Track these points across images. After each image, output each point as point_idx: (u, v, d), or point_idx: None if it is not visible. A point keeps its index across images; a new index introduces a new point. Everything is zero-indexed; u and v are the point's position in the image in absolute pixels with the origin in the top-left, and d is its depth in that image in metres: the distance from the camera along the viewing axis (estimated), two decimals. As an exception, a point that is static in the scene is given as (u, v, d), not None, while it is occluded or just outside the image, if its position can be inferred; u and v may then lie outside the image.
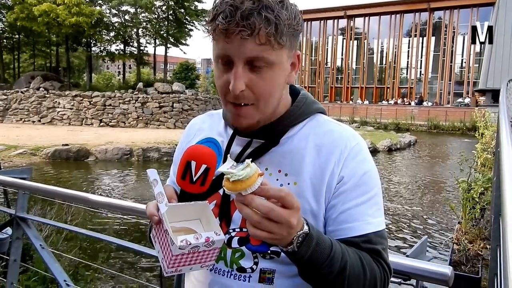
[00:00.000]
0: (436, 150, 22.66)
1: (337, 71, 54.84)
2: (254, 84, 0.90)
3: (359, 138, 1.01)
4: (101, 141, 16.26)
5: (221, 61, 0.92)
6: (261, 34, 0.86)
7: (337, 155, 0.95)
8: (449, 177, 13.03)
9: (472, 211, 4.27)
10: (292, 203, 0.76)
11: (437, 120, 34.37)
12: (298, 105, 1.03)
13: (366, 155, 0.99)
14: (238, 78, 0.89)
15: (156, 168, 4.16)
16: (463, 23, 46.26)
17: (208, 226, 0.89)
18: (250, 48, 0.87)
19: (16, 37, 36.24)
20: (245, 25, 0.85)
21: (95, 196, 2.22)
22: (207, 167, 0.91)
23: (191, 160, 0.90)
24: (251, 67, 0.90)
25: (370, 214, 0.94)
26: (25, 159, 13.67)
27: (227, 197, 1.00)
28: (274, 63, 0.91)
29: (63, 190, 2.34)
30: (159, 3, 33.14)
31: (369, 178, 0.97)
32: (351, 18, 52.62)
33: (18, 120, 24.48)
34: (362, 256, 0.89)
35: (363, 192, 0.95)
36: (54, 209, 5.04)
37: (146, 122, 23.42)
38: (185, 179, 0.91)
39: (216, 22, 0.88)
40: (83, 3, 27.94)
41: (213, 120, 1.16)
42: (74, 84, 33.10)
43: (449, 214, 8.59)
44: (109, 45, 35.94)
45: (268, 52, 0.89)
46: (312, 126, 1.02)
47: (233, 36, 0.86)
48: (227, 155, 1.03)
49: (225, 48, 0.89)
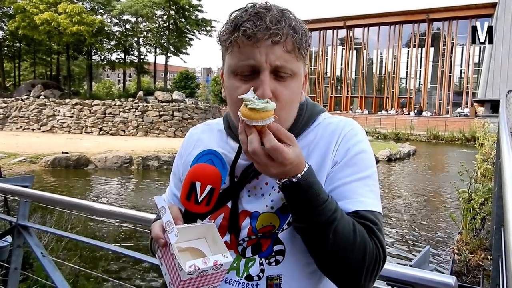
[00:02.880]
0: (435, 160, 22.67)
1: (337, 80, 55.03)
2: (279, 92, 0.90)
3: (354, 124, 1.02)
4: (101, 149, 16.25)
5: (243, 72, 0.91)
6: (288, 41, 0.89)
7: (334, 143, 0.97)
8: (449, 187, 13.01)
9: (472, 221, 4.27)
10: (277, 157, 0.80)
11: (436, 130, 34.40)
12: (301, 113, 1.03)
13: (361, 138, 1.00)
14: (266, 85, 0.88)
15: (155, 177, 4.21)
16: (461, 34, 46.56)
17: (215, 245, 0.89)
18: (278, 55, 0.88)
19: (17, 46, 36.42)
20: (276, 30, 0.87)
21: (96, 204, 2.22)
22: (212, 187, 0.91)
23: (195, 181, 0.90)
24: (275, 76, 0.90)
25: (361, 193, 0.93)
26: (24, 167, 13.65)
27: (235, 210, 1.00)
28: (297, 74, 0.93)
29: (65, 198, 2.34)
30: (160, 12, 33.40)
31: (361, 159, 0.97)
32: (351, 28, 52.92)
33: (18, 128, 24.48)
34: (356, 223, 0.88)
35: (353, 172, 0.94)
36: (54, 217, 5.02)
37: (146, 130, 23.42)
38: (190, 200, 0.91)
39: (240, 30, 0.88)
40: (84, 12, 28.14)
41: (212, 130, 1.15)
42: (74, 92, 33.19)
43: (449, 224, 8.57)
44: (109, 53, 36.14)
45: (293, 61, 0.91)
46: (314, 127, 1.04)
47: (262, 41, 0.87)
48: (234, 168, 1.04)
49: (251, 55, 0.88)
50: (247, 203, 1.00)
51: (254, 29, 0.86)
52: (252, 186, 1.01)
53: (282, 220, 0.96)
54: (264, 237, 0.98)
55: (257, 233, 0.98)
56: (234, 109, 0.94)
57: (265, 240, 0.98)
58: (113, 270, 5.25)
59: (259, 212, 0.98)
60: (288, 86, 0.92)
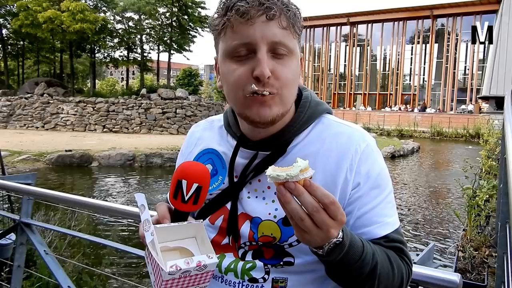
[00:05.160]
0: (439, 157, 22.59)
1: (340, 77, 54.88)
2: (279, 71, 0.87)
3: (368, 139, 0.98)
4: (104, 146, 16.27)
5: (239, 52, 0.87)
6: (283, 17, 0.86)
7: (348, 161, 0.92)
8: (453, 183, 12.97)
9: (477, 218, 4.24)
10: (336, 214, 0.72)
11: (440, 126, 34.28)
12: (302, 110, 1.00)
13: (377, 155, 0.97)
14: (264, 63, 0.85)
15: (158, 174, 4.18)
16: (466, 30, 46.27)
17: (203, 246, 0.88)
18: (274, 31, 0.86)
19: (21, 44, 36.51)
20: (270, 5, 0.84)
21: (99, 201, 2.21)
22: (199, 185, 0.87)
23: (181, 179, 0.87)
24: (273, 54, 0.87)
25: (386, 214, 0.93)
26: (28, 164, 13.69)
27: (234, 211, 0.98)
28: (294, 52, 0.90)
29: (68, 196, 2.34)
30: (163, 9, 33.39)
31: (382, 178, 0.95)
32: (354, 25, 52.74)
33: (21, 126, 24.55)
34: (389, 254, 0.89)
35: (378, 194, 0.93)
36: (57, 215, 5.03)
37: (149, 128, 23.45)
38: (177, 198, 0.87)
39: (232, 10, 0.85)
40: (87, 10, 28.14)
41: (213, 128, 1.12)
42: (78, 90, 33.31)
43: (453, 221, 8.54)
44: (113, 51, 36.20)
45: (290, 38, 0.88)
46: (318, 130, 0.99)
47: (256, 17, 0.85)
48: (233, 167, 1.01)
49: (246, 34, 0.85)
50: (247, 205, 0.98)
51: (247, 6, 0.84)
52: (253, 188, 0.98)
53: (284, 233, 0.93)
54: (265, 245, 0.96)
55: (258, 241, 0.95)
56: (232, 94, 0.91)
57: (267, 249, 0.96)
58: (117, 268, 5.26)
59: (261, 219, 0.95)
60: (287, 64, 0.89)
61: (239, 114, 0.97)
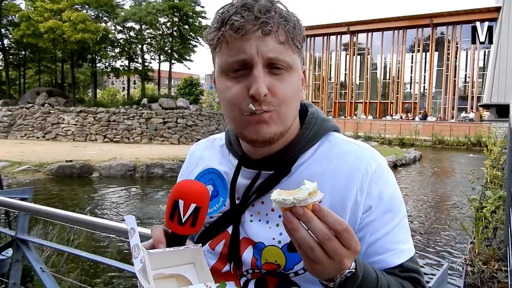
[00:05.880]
0: (441, 165, 22.48)
1: (341, 86, 55.02)
2: (276, 87, 0.82)
3: (379, 158, 0.91)
4: (105, 157, 16.21)
5: (234, 69, 0.83)
6: (281, 31, 0.81)
7: (358, 182, 0.86)
8: (457, 193, 12.87)
9: (485, 230, 4.14)
10: (350, 243, 0.65)
11: (441, 135, 34.18)
12: (308, 127, 0.94)
13: (389, 176, 0.91)
14: (260, 80, 0.80)
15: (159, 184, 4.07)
16: (465, 38, 46.47)
17: (202, 272, 0.80)
18: (271, 46, 0.80)
19: (22, 54, 36.69)
20: (266, 19, 0.79)
21: (95, 218, 2.13)
22: (197, 206, 0.80)
23: (178, 199, 0.80)
24: (270, 70, 0.82)
25: (400, 240, 0.86)
26: (28, 175, 13.63)
27: (236, 236, 0.92)
28: (292, 67, 0.85)
29: (64, 213, 2.26)
30: (164, 19, 33.58)
31: (395, 201, 0.88)
32: (354, 33, 52.98)
33: (22, 136, 24.53)
34: (405, 286, 0.83)
35: (391, 218, 0.86)
36: (56, 228, 4.94)
37: (150, 137, 23.40)
38: (173, 219, 0.80)
39: (227, 25, 0.81)
40: (88, 20, 28.30)
41: (214, 146, 1.07)
42: (79, 100, 33.37)
43: (458, 232, 8.42)
44: (114, 61, 36.38)
45: (288, 53, 0.83)
46: (325, 149, 0.93)
47: (251, 33, 0.80)
48: (234, 188, 0.95)
49: (241, 50, 0.81)
50: (249, 229, 0.91)
51: (242, 21, 0.79)
52: (256, 210, 0.92)
53: (290, 260, 0.86)
54: (268, 274, 0.89)
55: (261, 268, 0.88)
56: (229, 113, 0.87)
57: (271, 277, 0.89)
58: (115, 285, 5.15)
59: (264, 244, 0.89)
60: (285, 80, 0.83)
61: (237, 133, 0.93)
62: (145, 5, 31.48)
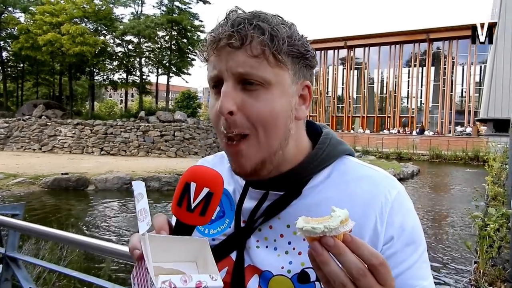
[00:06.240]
0: (440, 180, 22.40)
1: (338, 100, 55.23)
2: (247, 105, 0.75)
3: (398, 185, 0.84)
4: (102, 170, 16.07)
5: (212, 85, 0.80)
6: (254, 44, 0.74)
7: (378, 209, 0.78)
8: (456, 209, 12.78)
9: (489, 249, 4.04)
10: (386, 279, 0.57)
11: (439, 149, 34.18)
12: (321, 147, 0.86)
13: (409, 204, 0.83)
14: (226, 96, 0.74)
15: (156, 198, 3.92)
16: (462, 54, 46.86)
17: (205, 268, 0.70)
18: (241, 60, 0.74)
19: (21, 66, 36.71)
20: (234, 32, 0.73)
21: (88, 239, 2.03)
22: (210, 191, 0.71)
23: (190, 182, 0.71)
24: (243, 86, 0.76)
25: (422, 275, 0.79)
26: (23, 188, 13.46)
27: (240, 263, 0.83)
28: (272, 83, 0.76)
29: (56, 232, 2.16)
30: (162, 33, 33.72)
31: (417, 232, 0.81)
32: (351, 48, 53.35)
33: (19, 148, 24.39)
34: None
35: (413, 251, 0.79)
36: (48, 244, 4.81)
37: (147, 150, 23.28)
38: (181, 205, 0.71)
39: (207, 41, 0.78)
40: (87, 33, 28.38)
41: (222, 163, 0.98)
42: (76, 112, 33.31)
43: (458, 248, 8.29)
44: (112, 74, 36.43)
45: (263, 67, 0.75)
46: (340, 172, 0.85)
47: (221, 47, 0.75)
48: (240, 210, 0.87)
49: (215, 65, 0.77)
50: (255, 256, 0.83)
51: (217, 35, 0.76)
52: (263, 236, 0.84)
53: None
54: None
55: None
56: (215, 128, 0.82)
57: None
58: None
59: (272, 274, 0.80)
60: (261, 98, 0.75)
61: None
62: (144, 19, 31.65)
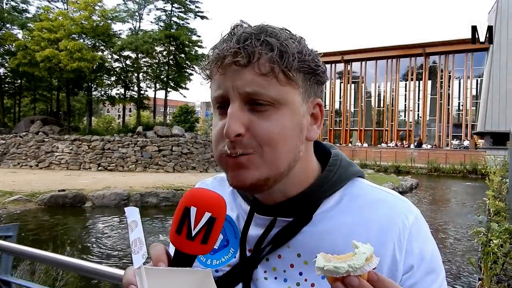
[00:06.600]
0: (439, 193, 22.32)
1: (336, 114, 55.39)
2: (256, 126, 0.70)
3: (414, 209, 0.80)
4: (99, 186, 15.94)
5: (218, 105, 0.75)
6: (262, 61, 0.69)
7: (396, 236, 0.73)
8: (456, 222, 12.68)
9: (493, 266, 3.96)
10: None
11: (437, 162, 34.17)
12: (332, 169, 0.81)
13: (427, 229, 0.79)
14: (233, 118, 0.69)
15: (154, 214, 3.81)
16: (458, 67, 47.19)
17: None
18: (248, 79, 0.69)
19: (18, 82, 36.71)
20: (240, 48, 0.68)
21: (83, 262, 1.96)
22: (212, 216, 0.64)
23: (190, 206, 0.64)
24: (251, 106, 0.70)
25: None
26: (20, 205, 13.31)
27: None
28: (282, 102, 0.71)
29: (49, 255, 2.08)
30: (160, 48, 33.86)
31: (436, 260, 0.76)
32: (348, 62, 53.68)
33: (15, 164, 24.22)
34: None
35: (434, 280, 0.74)
36: (43, 264, 4.72)
37: (145, 165, 23.17)
38: (181, 233, 0.64)
39: (211, 58, 0.73)
40: (85, 49, 28.47)
41: (224, 187, 0.91)
42: (73, 128, 33.22)
43: (459, 263, 8.19)
44: (109, 89, 36.45)
45: (273, 86, 0.70)
46: (352, 196, 0.79)
47: (227, 65, 0.70)
48: (245, 239, 0.81)
49: (220, 84, 0.72)
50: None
51: (223, 52, 0.70)
52: (271, 266, 0.77)
53: None
54: None
55: None
56: (214, 149, 0.76)
57: None
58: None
59: None
60: (271, 118, 0.70)
61: (253, 195, 0.82)
62: (141, 34, 31.81)
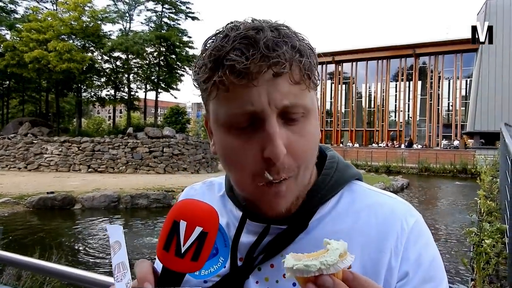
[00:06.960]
0: (429, 193, 22.47)
1: (327, 114, 55.57)
2: (295, 144, 0.64)
3: (415, 213, 0.74)
4: (88, 188, 15.78)
5: (240, 124, 0.64)
6: (295, 69, 0.62)
7: (393, 241, 0.68)
8: (446, 221, 12.76)
9: (486, 266, 3.96)
10: None
11: (427, 162, 34.43)
12: (329, 173, 0.76)
13: (428, 235, 0.72)
14: (278, 139, 0.61)
15: (144, 216, 3.70)
16: (448, 68, 47.63)
17: None
18: (285, 90, 0.61)
19: (6, 84, 36.21)
20: (276, 56, 0.59)
21: (73, 269, 1.89)
22: (203, 231, 0.59)
23: (179, 220, 0.59)
24: (283, 120, 0.63)
25: None
26: (7, 208, 13.11)
27: None
28: (311, 111, 0.66)
29: (34, 261, 2.01)
30: (151, 49, 33.62)
31: (436, 267, 0.70)
32: (339, 63, 53.90)
33: (3, 167, 23.91)
34: None
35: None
36: (32, 268, 4.62)
37: (135, 167, 23.02)
38: (169, 250, 0.58)
39: (225, 66, 0.61)
40: (74, 50, 28.17)
41: (214, 192, 0.87)
42: (63, 129, 32.88)
43: (452, 265, 8.22)
44: (100, 90, 36.10)
45: (305, 94, 0.64)
46: (350, 200, 0.75)
47: (260, 75, 0.60)
48: (236, 248, 0.76)
49: (247, 99, 0.61)
50: None
51: (246, 61, 0.59)
52: (263, 276, 0.72)
53: None
54: None
55: None
56: (237, 178, 0.68)
57: None
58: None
59: None
60: (304, 132, 0.65)
61: (245, 201, 0.75)
62: (132, 35, 31.58)
